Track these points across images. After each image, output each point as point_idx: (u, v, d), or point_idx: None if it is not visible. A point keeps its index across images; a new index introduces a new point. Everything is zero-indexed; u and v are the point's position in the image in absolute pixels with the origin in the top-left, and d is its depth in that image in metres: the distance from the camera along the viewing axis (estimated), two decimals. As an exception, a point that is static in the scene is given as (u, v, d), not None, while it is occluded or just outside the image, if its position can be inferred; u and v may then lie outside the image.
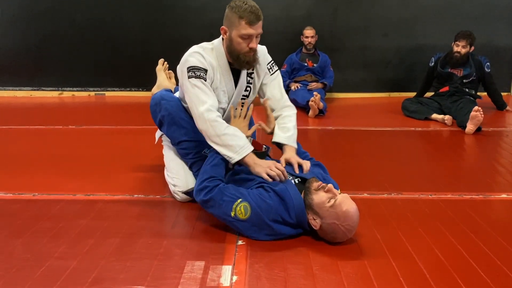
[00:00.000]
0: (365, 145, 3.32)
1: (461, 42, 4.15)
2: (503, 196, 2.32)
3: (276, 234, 1.78)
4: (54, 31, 5.29)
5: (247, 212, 1.74)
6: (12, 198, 2.25)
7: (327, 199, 1.72)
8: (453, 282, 1.53)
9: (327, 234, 1.75)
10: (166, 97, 2.20)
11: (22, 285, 1.50)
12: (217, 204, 1.79)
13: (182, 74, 2.03)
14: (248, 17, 1.93)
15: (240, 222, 1.76)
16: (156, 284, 1.51)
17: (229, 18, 1.98)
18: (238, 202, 1.75)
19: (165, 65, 2.70)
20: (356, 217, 1.72)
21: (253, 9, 1.94)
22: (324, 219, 1.72)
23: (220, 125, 1.91)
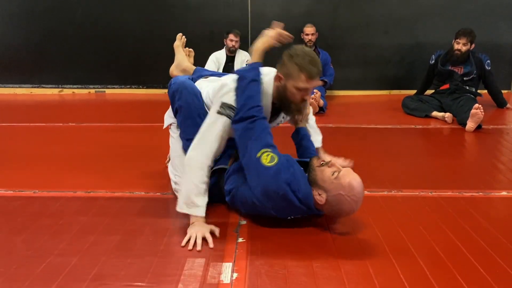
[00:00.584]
0: (365, 142, 3.32)
1: (462, 39, 4.15)
2: (503, 194, 2.32)
3: (282, 199, 1.75)
4: (54, 29, 5.29)
5: (272, 161, 1.75)
6: (13, 195, 2.25)
7: (331, 172, 1.74)
8: (453, 279, 1.53)
9: (333, 207, 1.75)
10: (188, 87, 2.11)
11: (23, 281, 1.50)
12: (253, 137, 1.80)
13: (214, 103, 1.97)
14: (309, 71, 1.89)
15: (258, 166, 1.75)
16: (156, 281, 1.51)
17: (288, 68, 1.92)
18: (268, 150, 1.78)
19: (183, 39, 2.54)
20: (361, 188, 1.73)
21: (314, 62, 1.89)
22: (329, 192, 1.73)
23: (202, 177, 1.85)
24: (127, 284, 1.49)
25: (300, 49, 1.93)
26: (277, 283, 1.50)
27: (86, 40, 5.31)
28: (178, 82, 2.13)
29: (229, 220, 1.95)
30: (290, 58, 1.91)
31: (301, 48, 1.94)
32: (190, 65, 2.51)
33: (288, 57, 1.93)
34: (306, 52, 1.92)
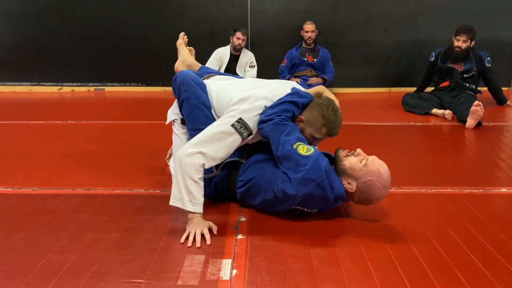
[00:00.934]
0: (365, 140, 3.31)
1: (462, 36, 4.14)
2: (503, 190, 2.32)
3: (319, 185, 1.76)
4: (53, 27, 5.29)
5: (309, 151, 1.79)
6: (12, 193, 2.25)
7: (358, 161, 1.81)
8: (452, 276, 1.53)
9: (363, 193, 1.80)
10: (194, 78, 2.10)
11: (22, 278, 1.50)
12: (286, 132, 1.83)
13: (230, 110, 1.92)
14: (332, 131, 1.94)
15: (296, 155, 1.78)
16: (156, 277, 1.51)
17: (315, 118, 1.93)
18: (303, 144, 1.82)
19: (185, 38, 2.55)
20: (389, 173, 1.80)
21: (339, 124, 1.94)
22: (359, 179, 1.79)
23: (200, 173, 1.79)
24: (126, 281, 1.49)
25: (332, 103, 1.93)
26: (277, 280, 1.50)
27: (86, 38, 5.30)
28: (183, 74, 2.12)
29: (228, 217, 1.95)
30: (320, 111, 1.92)
31: (332, 103, 1.94)
32: (195, 62, 2.52)
33: (319, 110, 1.92)
34: (335, 108, 1.92)
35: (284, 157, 1.83)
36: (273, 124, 1.86)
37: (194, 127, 2.05)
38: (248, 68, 5.06)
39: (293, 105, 1.91)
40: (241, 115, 1.88)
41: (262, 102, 1.94)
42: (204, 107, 2.05)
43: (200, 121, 2.02)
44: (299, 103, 1.92)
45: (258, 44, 5.29)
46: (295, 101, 1.91)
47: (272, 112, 1.89)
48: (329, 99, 1.95)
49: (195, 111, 2.05)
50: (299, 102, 1.92)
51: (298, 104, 1.92)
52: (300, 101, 1.93)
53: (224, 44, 5.02)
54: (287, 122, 1.88)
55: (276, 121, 1.86)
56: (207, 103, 2.08)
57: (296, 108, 1.92)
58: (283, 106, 1.90)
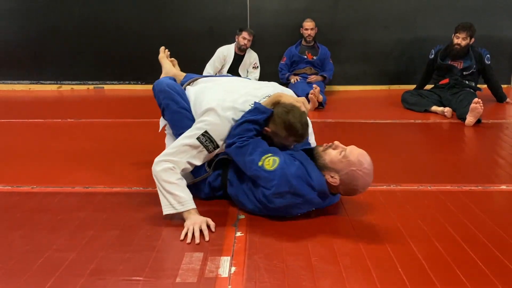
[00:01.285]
0: (365, 137, 3.31)
1: (461, 34, 4.13)
2: (502, 188, 2.31)
3: (295, 194, 1.77)
4: (52, 25, 5.28)
5: (274, 164, 1.79)
6: (11, 191, 2.25)
7: (337, 153, 1.81)
8: (452, 273, 1.53)
9: (348, 185, 1.80)
10: (170, 85, 2.16)
11: (21, 276, 1.50)
12: (248, 152, 1.84)
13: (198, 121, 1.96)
14: (298, 139, 1.94)
15: (263, 172, 1.79)
16: (154, 275, 1.51)
17: (278, 129, 1.91)
18: (268, 155, 1.82)
19: (167, 52, 2.63)
20: (370, 160, 1.80)
21: (303, 130, 1.91)
22: (341, 171, 1.79)
23: (174, 174, 1.86)
24: (125, 279, 1.49)
25: (291, 111, 1.88)
26: (275, 277, 1.50)
27: (85, 36, 5.29)
28: (159, 83, 2.20)
29: (227, 215, 1.95)
30: (282, 122, 1.89)
31: (292, 111, 1.89)
32: (178, 72, 2.57)
33: (281, 121, 1.89)
34: (296, 115, 1.88)
35: (255, 177, 1.85)
36: (235, 148, 1.88)
37: (178, 132, 2.10)
38: (251, 69, 5.03)
39: (251, 124, 1.90)
40: (207, 127, 1.91)
41: (228, 113, 1.94)
42: (185, 111, 2.10)
43: (182, 126, 2.06)
44: (259, 120, 1.91)
45: (257, 42, 5.27)
46: (253, 120, 1.90)
47: (234, 134, 1.90)
48: (288, 107, 1.90)
49: (175, 116, 2.11)
50: (258, 119, 1.91)
51: (257, 122, 1.91)
52: (259, 118, 1.90)
53: (223, 43, 4.99)
54: (247, 142, 1.87)
55: (237, 144, 1.88)
56: (187, 107, 2.11)
57: (256, 125, 1.91)
58: (244, 126, 1.90)
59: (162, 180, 1.86)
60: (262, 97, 2.01)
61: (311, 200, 1.82)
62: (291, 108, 1.90)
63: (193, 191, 1.98)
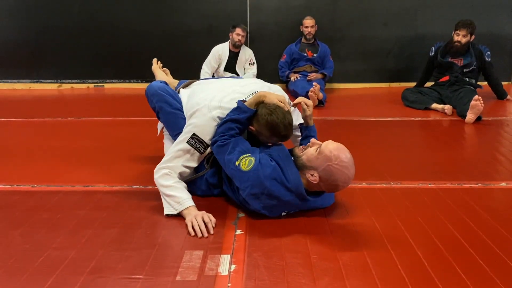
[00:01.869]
0: (365, 135, 3.31)
1: (462, 31, 4.12)
2: (502, 185, 2.31)
3: (270, 195, 1.78)
4: (52, 23, 5.27)
5: (250, 164, 1.79)
6: (11, 190, 2.25)
7: (313, 150, 1.81)
8: (452, 271, 1.53)
9: (328, 181, 1.77)
10: (161, 87, 2.21)
11: (21, 275, 1.50)
12: (228, 150, 1.86)
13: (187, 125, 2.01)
14: (282, 138, 1.97)
15: (239, 172, 1.81)
16: (154, 273, 1.51)
17: (262, 128, 1.93)
18: (246, 155, 1.82)
19: (159, 63, 2.71)
20: (347, 154, 1.76)
21: (287, 129, 1.92)
22: (318, 168, 1.77)
23: (171, 179, 1.93)
24: (125, 277, 1.49)
25: (274, 111, 1.88)
26: (275, 275, 1.50)
27: (85, 35, 5.29)
28: (150, 87, 2.24)
29: (227, 213, 1.95)
30: (266, 122, 1.89)
31: (275, 111, 1.89)
32: (171, 79, 2.61)
33: (264, 120, 1.90)
34: (284, 118, 1.89)
35: (232, 176, 1.88)
36: (217, 146, 1.91)
37: (174, 132, 2.16)
38: (248, 65, 5.03)
39: (234, 123, 1.92)
40: (195, 130, 1.95)
41: (214, 113, 1.96)
42: (179, 111, 2.15)
43: (177, 126, 2.11)
44: (240, 119, 1.92)
45: (257, 39, 5.27)
46: (235, 119, 1.92)
47: (218, 133, 1.93)
48: (271, 108, 1.90)
49: (170, 118, 2.16)
50: (239, 118, 1.92)
51: (239, 121, 1.92)
52: (241, 117, 1.92)
53: (223, 40, 4.99)
54: (228, 140, 1.89)
55: (218, 143, 1.90)
56: (181, 107, 2.16)
57: (239, 124, 1.92)
58: (227, 124, 1.92)
59: (160, 185, 1.95)
60: (249, 94, 2.02)
61: (287, 202, 1.81)
62: (275, 108, 1.90)
63: (191, 188, 2.01)
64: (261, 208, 1.82)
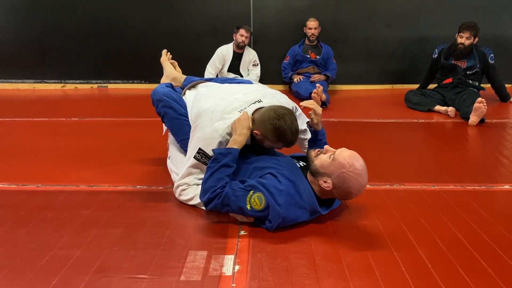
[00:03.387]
0: (368, 136, 3.31)
1: (465, 33, 4.12)
2: (506, 187, 2.31)
3: (289, 221, 1.78)
4: (56, 24, 5.29)
5: (261, 202, 1.74)
6: (16, 189, 2.27)
7: (327, 157, 1.79)
8: (455, 273, 1.53)
9: (341, 188, 1.76)
10: (166, 93, 2.22)
11: (26, 274, 1.51)
12: (231, 201, 1.77)
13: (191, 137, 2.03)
14: (287, 145, 1.94)
15: (257, 213, 1.77)
16: (159, 273, 1.52)
17: (269, 134, 1.88)
18: (250, 194, 1.76)
19: (169, 55, 2.67)
20: (361, 161, 1.76)
21: (294, 136, 1.89)
22: (332, 174, 1.76)
23: (190, 190, 2.01)
24: (129, 277, 1.50)
25: (286, 122, 1.85)
26: (279, 275, 1.50)
27: (89, 35, 5.31)
28: (155, 92, 2.25)
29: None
30: (272, 128, 1.86)
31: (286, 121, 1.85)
32: (179, 74, 2.59)
33: (270, 124, 1.86)
34: (290, 123, 1.87)
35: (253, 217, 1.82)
36: (216, 205, 1.80)
37: (179, 138, 2.19)
38: (251, 67, 5.04)
39: (224, 169, 1.81)
40: (200, 144, 1.96)
41: (216, 125, 1.93)
42: (183, 117, 2.17)
43: (182, 132, 2.14)
44: (228, 163, 1.82)
45: (260, 40, 5.28)
46: (223, 165, 1.82)
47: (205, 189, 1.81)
48: (279, 114, 1.86)
49: (174, 123, 2.19)
50: (227, 162, 1.82)
51: (228, 165, 1.82)
52: (227, 160, 1.82)
53: (226, 41, 5.00)
54: (224, 193, 1.77)
55: (215, 202, 1.79)
56: (185, 113, 2.17)
57: (228, 168, 1.82)
58: (214, 176, 1.81)
59: (184, 201, 2.03)
60: (252, 102, 1.99)
61: (304, 219, 1.82)
62: (283, 114, 1.86)
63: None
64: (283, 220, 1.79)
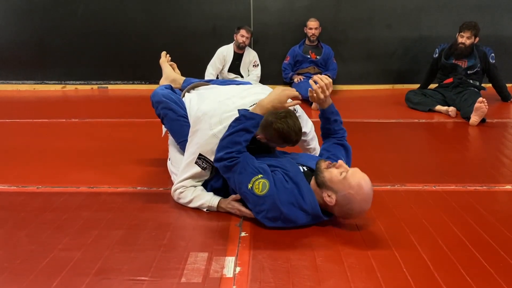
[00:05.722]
0: (369, 137, 3.30)
1: (466, 33, 4.11)
2: (507, 187, 2.31)
3: (286, 220, 1.76)
4: (56, 25, 5.29)
5: (264, 189, 1.74)
6: (16, 191, 2.26)
7: (339, 173, 1.75)
8: (456, 273, 1.52)
9: (343, 207, 1.74)
10: (166, 95, 2.22)
11: (27, 276, 1.51)
12: (238, 171, 1.79)
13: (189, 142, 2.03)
14: (292, 143, 1.93)
15: (253, 196, 1.76)
16: (159, 275, 1.51)
17: (273, 136, 1.88)
18: (258, 177, 1.76)
19: (168, 57, 2.69)
20: (370, 187, 1.73)
21: (298, 135, 1.90)
22: (338, 192, 1.72)
23: (187, 195, 2.01)
24: (130, 278, 1.49)
25: (288, 123, 1.85)
26: (280, 277, 1.50)
27: (89, 36, 5.30)
28: (155, 94, 2.25)
29: (231, 215, 1.95)
30: (275, 130, 1.85)
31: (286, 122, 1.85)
32: (178, 75, 2.60)
33: (272, 127, 1.85)
34: (292, 123, 1.86)
35: (244, 198, 1.84)
36: (224, 166, 1.83)
37: (179, 140, 2.19)
38: (252, 67, 5.03)
39: (243, 132, 1.82)
40: (200, 150, 1.96)
41: (215, 130, 1.93)
42: (183, 118, 2.16)
43: (182, 133, 2.13)
44: (249, 127, 1.84)
45: (261, 41, 5.27)
46: (243, 128, 1.83)
47: (222, 146, 1.84)
48: (282, 114, 1.85)
49: (174, 125, 2.18)
50: (248, 126, 1.84)
51: (248, 129, 1.84)
52: (248, 125, 1.84)
53: (226, 41, 5.00)
54: (236, 159, 1.80)
55: (226, 163, 1.81)
56: (185, 114, 2.17)
57: (247, 133, 1.84)
58: (232, 137, 1.82)
59: (183, 204, 2.03)
60: (250, 105, 1.98)
61: (303, 224, 1.80)
62: (285, 115, 1.86)
63: None
64: (271, 219, 1.79)
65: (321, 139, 2.21)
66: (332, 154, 2.06)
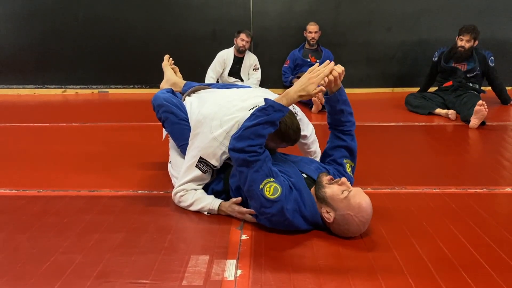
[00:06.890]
0: (369, 140, 3.30)
1: (465, 36, 4.12)
2: (507, 190, 2.31)
3: (288, 225, 1.76)
4: (57, 29, 5.31)
5: (276, 193, 1.71)
6: (17, 195, 2.27)
7: (340, 191, 1.72)
8: (457, 276, 1.52)
9: (340, 226, 1.73)
10: (167, 98, 2.22)
11: (28, 279, 1.51)
12: (255, 168, 1.73)
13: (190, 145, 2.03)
14: (291, 143, 1.94)
15: (261, 197, 1.72)
16: (160, 278, 1.51)
17: (270, 137, 1.85)
18: (271, 180, 1.73)
19: (171, 60, 2.69)
20: (370, 210, 1.71)
21: (297, 134, 1.91)
22: (338, 211, 1.71)
23: (188, 198, 2.01)
24: (131, 282, 1.49)
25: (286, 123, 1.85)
26: (281, 280, 1.50)
27: (89, 40, 5.32)
28: (156, 97, 2.25)
29: (232, 218, 1.95)
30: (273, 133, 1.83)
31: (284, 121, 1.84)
32: (179, 79, 2.61)
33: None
34: (292, 124, 1.87)
35: (250, 196, 1.80)
36: (243, 160, 1.75)
37: (180, 143, 2.19)
38: (252, 71, 5.05)
39: (268, 125, 1.75)
40: (200, 153, 1.96)
41: (216, 134, 1.93)
42: (184, 122, 2.16)
43: (183, 137, 2.13)
44: (276, 120, 1.76)
45: (261, 45, 5.29)
46: (270, 121, 1.75)
47: (244, 137, 1.75)
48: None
49: (175, 128, 2.18)
50: (275, 119, 1.76)
51: (274, 123, 1.76)
52: (276, 117, 1.76)
53: (227, 46, 5.01)
54: (258, 157, 1.73)
55: (247, 156, 1.73)
56: (186, 117, 2.17)
57: (271, 127, 1.76)
58: (256, 129, 1.74)
59: (184, 207, 2.03)
60: (250, 108, 1.96)
61: (303, 230, 1.80)
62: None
63: None
64: (275, 222, 1.78)
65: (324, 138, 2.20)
66: (332, 159, 2.06)
